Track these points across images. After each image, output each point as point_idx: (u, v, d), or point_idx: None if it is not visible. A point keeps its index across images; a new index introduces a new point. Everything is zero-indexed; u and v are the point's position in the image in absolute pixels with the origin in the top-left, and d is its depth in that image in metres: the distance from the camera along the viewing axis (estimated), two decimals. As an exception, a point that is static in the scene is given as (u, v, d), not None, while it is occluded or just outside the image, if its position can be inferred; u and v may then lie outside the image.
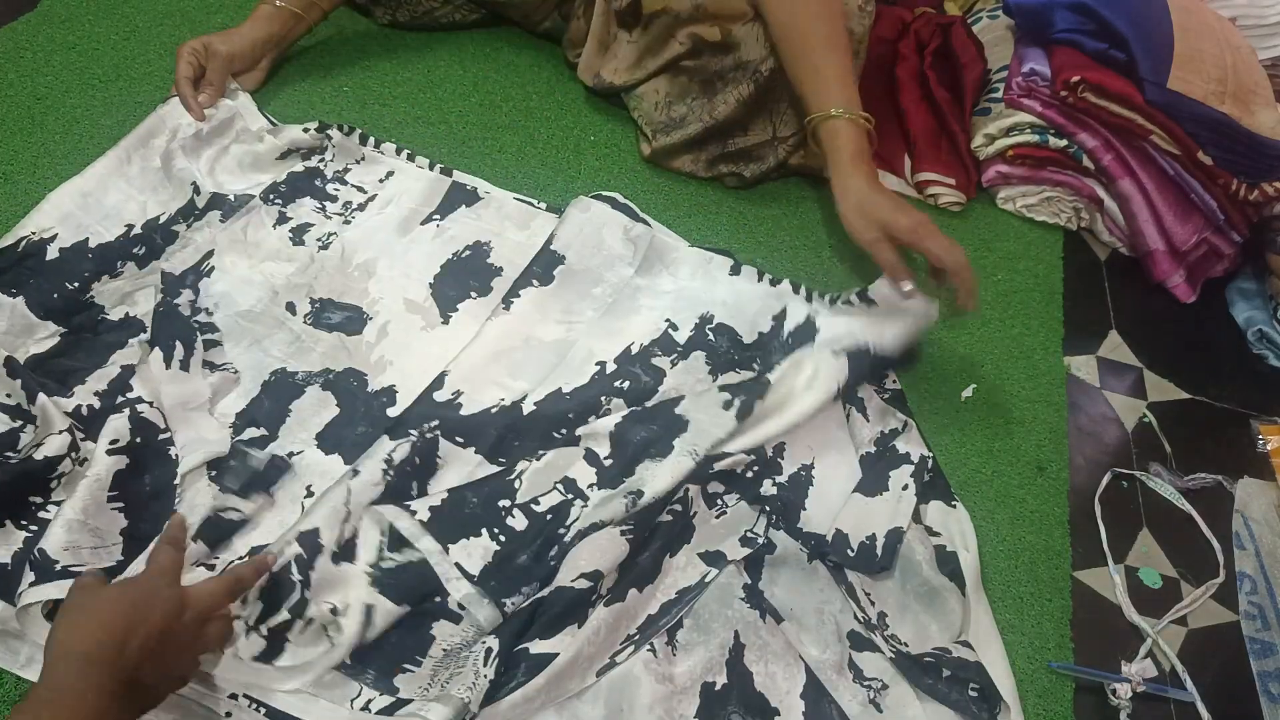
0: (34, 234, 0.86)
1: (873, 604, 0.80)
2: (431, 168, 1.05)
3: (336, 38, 1.19)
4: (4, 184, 0.92)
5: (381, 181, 1.01)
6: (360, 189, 1.00)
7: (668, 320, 0.94)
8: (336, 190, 0.99)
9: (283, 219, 0.95)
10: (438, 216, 0.99)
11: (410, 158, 1.05)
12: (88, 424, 0.74)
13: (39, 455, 0.69)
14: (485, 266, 0.96)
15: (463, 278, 0.95)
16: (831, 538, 0.81)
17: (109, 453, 0.70)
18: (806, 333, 0.94)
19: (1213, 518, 0.97)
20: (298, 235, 0.94)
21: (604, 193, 1.03)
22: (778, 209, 1.15)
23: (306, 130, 1.02)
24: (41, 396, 0.72)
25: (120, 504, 0.70)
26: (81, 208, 0.89)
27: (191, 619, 0.58)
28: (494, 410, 0.84)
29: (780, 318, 0.97)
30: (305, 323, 0.87)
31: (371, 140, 1.05)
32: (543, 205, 1.04)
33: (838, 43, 0.96)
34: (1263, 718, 0.83)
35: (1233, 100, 1.12)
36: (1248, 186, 1.14)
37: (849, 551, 0.81)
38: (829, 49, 0.95)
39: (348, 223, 0.96)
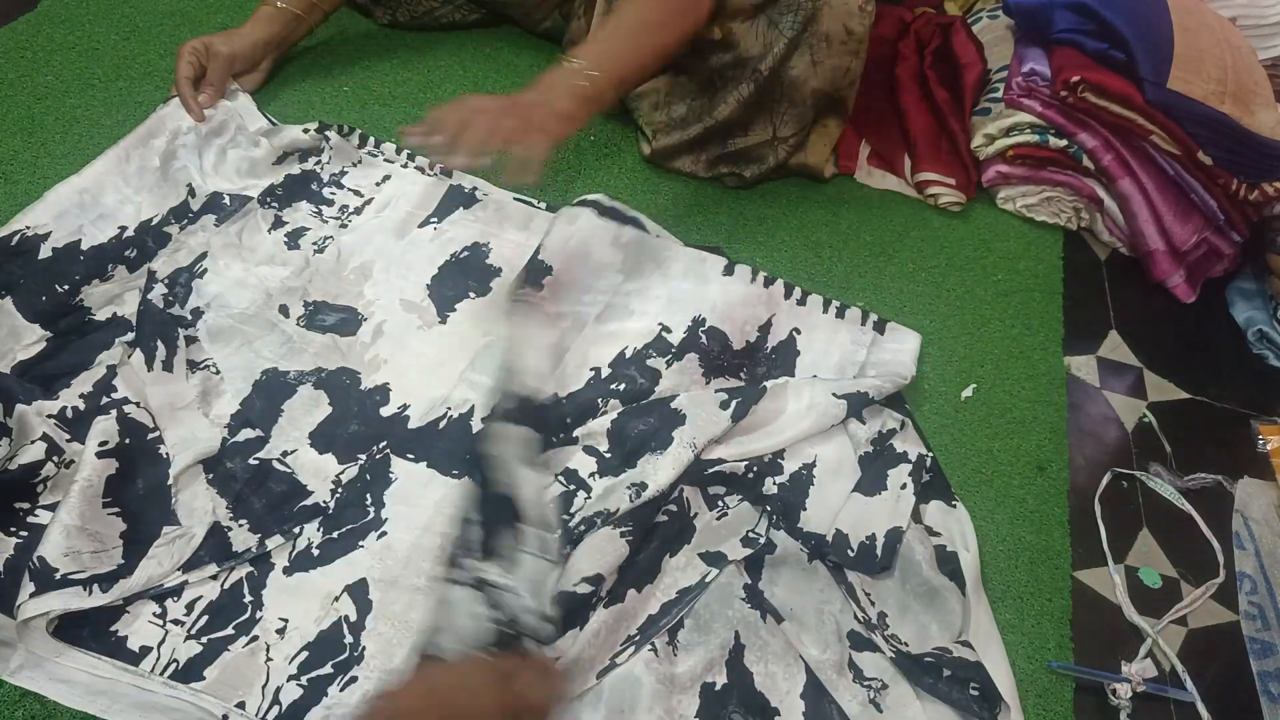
0: (29, 229, 0.86)
1: (873, 604, 0.80)
2: (431, 168, 1.05)
3: (337, 38, 1.19)
4: (4, 184, 0.92)
5: (378, 185, 1.01)
6: (357, 192, 1.00)
7: (660, 323, 0.94)
8: (333, 194, 0.99)
9: (279, 223, 0.95)
10: (435, 219, 0.99)
11: (410, 158, 1.05)
12: (73, 425, 0.73)
13: (14, 465, 0.69)
14: (484, 267, 0.96)
15: (461, 278, 0.95)
16: (832, 538, 0.81)
17: (98, 455, 0.70)
18: (788, 349, 0.95)
19: (1213, 518, 0.97)
20: (293, 239, 0.94)
21: (589, 196, 1.00)
22: (777, 209, 1.15)
23: (306, 131, 1.02)
24: (20, 407, 0.71)
25: (116, 509, 0.70)
26: (78, 206, 0.89)
27: (507, 692, 0.55)
28: (442, 424, 0.83)
29: (765, 329, 0.96)
30: (298, 325, 0.87)
31: (371, 140, 1.05)
32: (543, 205, 1.04)
33: (636, 16, 0.92)
34: (1263, 718, 0.83)
35: (1233, 100, 1.12)
36: (1248, 186, 1.14)
37: (849, 552, 0.81)
38: (622, 18, 0.93)
39: (344, 226, 0.96)
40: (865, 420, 0.90)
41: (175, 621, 0.68)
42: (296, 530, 0.74)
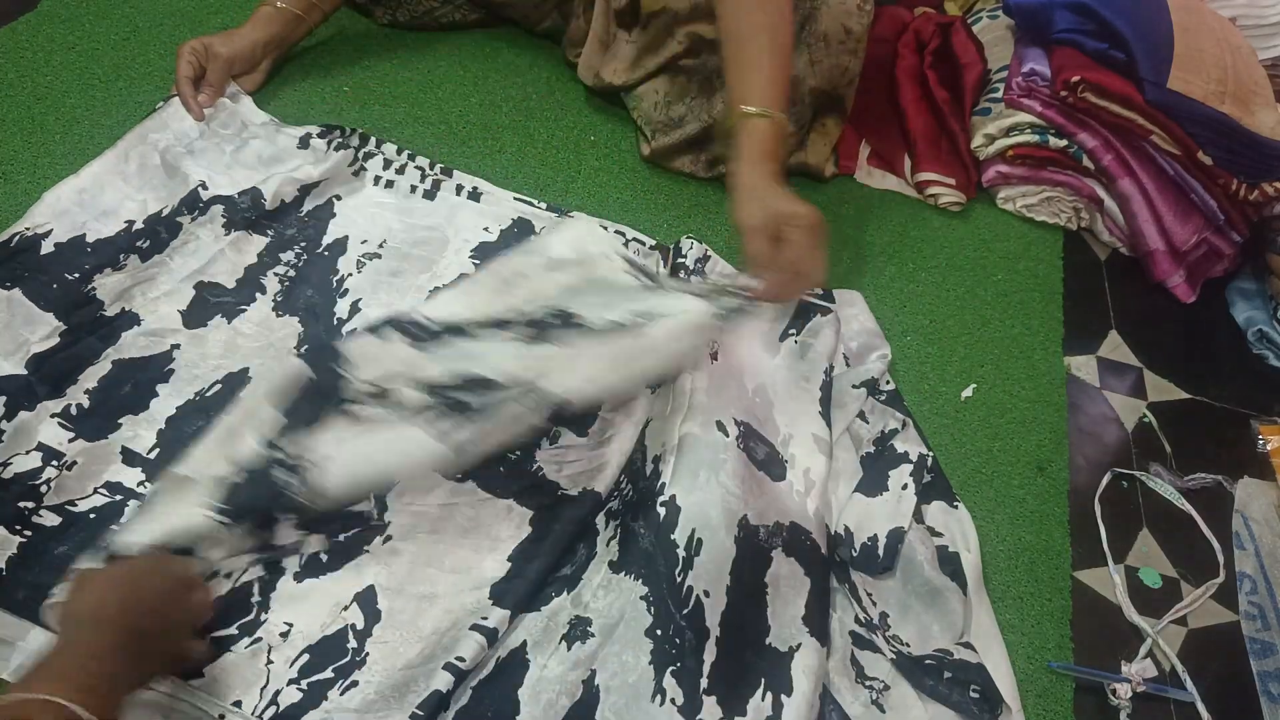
0: (27, 230, 0.85)
1: (874, 604, 0.80)
2: (431, 168, 1.04)
3: (337, 38, 1.19)
4: (4, 184, 0.92)
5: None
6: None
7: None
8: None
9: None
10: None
11: (411, 157, 1.05)
12: (78, 423, 0.74)
13: (8, 474, 0.70)
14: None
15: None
16: (841, 534, 0.81)
17: None
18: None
19: (1213, 518, 0.97)
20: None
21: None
22: (778, 209, 1.15)
23: (310, 135, 1.02)
24: (23, 414, 0.72)
25: None
26: (77, 204, 0.88)
27: (179, 584, 0.63)
28: None
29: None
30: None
31: (372, 140, 1.05)
32: (542, 205, 1.04)
33: (776, 49, 0.94)
34: (1263, 718, 0.83)
35: (1233, 100, 1.12)
36: (1248, 186, 1.14)
37: (852, 551, 0.81)
38: (767, 54, 0.93)
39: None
40: (869, 419, 0.90)
41: None
42: (340, 537, 0.73)
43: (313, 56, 1.15)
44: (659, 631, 0.71)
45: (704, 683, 0.69)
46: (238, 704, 0.65)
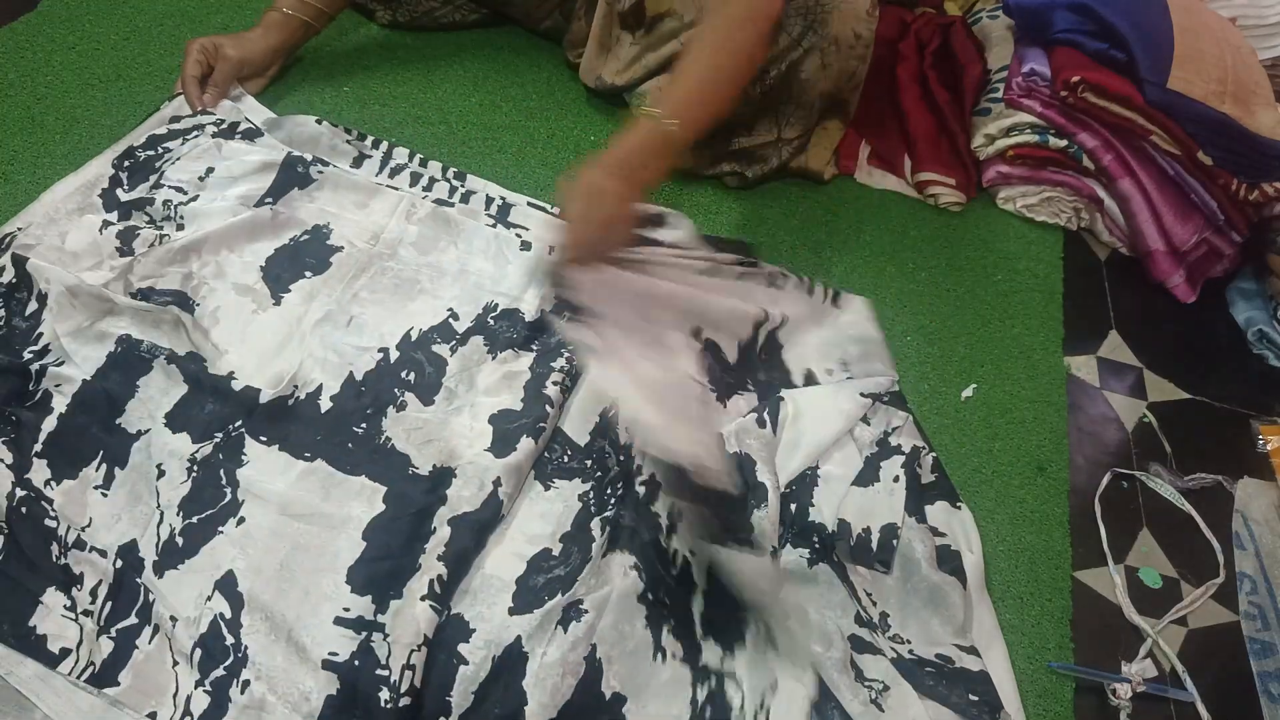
0: (20, 229, 0.85)
1: (874, 604, 0.80)
2: (445, 172, 1.04)
3: (337, 38, 1.19)
4: (4, 184, 0.92)
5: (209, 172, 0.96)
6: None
7: (450, 310, 0.91)
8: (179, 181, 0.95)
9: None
10: (270, 199, 0.95)
11: (411, 157, 1.05)
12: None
13: None
14: (326, 248, 0.93)
15: (298, 259, 0.91)
16: (834, 529, 0.82)
17: None
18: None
19: (1213, 518, 0.97)
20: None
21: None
22: (777, 209, 1.15)
23: (320, 122, 1.02)
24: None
25: None
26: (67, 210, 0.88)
27: None
28: (291, 402, 0.81)
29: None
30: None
31: (369, 140, 1.05)
32: (554, 210, 1.03)
33: (709, 65, 0.92)
34: (1263, 718, 0.83)
35: (1233, 100, 1.12)
36: (1248, 186, 1.14)
37: (848, 542, 0.81)
38: (696, 65, 0.92)
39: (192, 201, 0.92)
40: (871, 422, 0.90)
41: (85, 613, 0.68)
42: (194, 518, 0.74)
43: (313, 57, 1.15)
44: (650, 595, 0.73)
45: (699, 630, 0.74)
46: (153, 715, 0.65)
